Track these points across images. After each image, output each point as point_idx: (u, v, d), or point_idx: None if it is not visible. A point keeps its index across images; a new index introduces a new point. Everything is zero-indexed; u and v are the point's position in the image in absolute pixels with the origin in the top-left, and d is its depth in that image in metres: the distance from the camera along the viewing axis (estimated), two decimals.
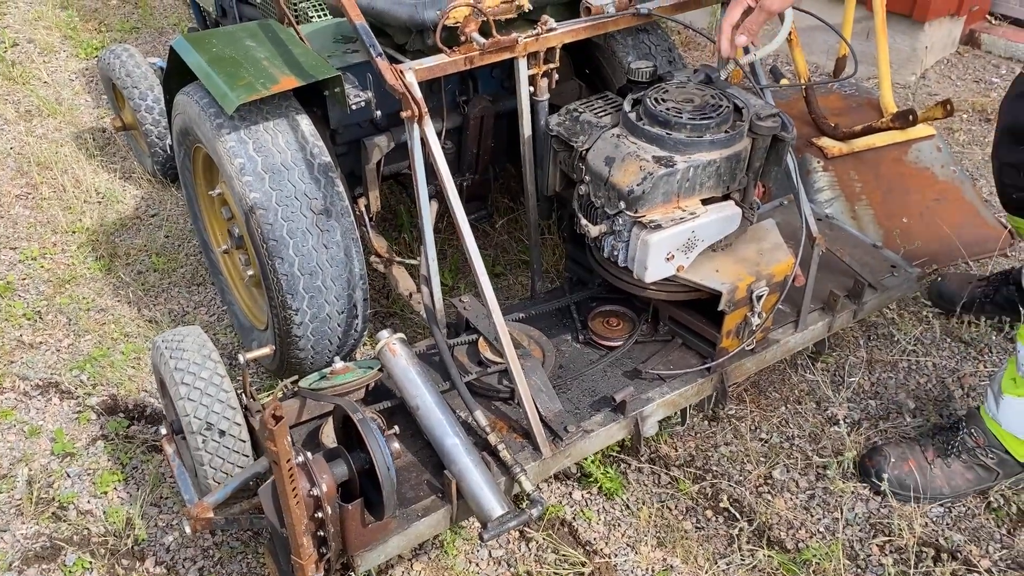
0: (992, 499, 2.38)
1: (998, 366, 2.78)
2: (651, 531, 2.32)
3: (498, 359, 2.17)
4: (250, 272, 2.59)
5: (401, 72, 2.02)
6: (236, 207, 2.34)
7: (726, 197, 2.15)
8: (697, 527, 2.35)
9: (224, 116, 2.26)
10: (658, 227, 1.99)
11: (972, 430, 2.36)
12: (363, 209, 2.66)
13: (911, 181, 3.33)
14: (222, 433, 1.97)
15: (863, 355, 2.85)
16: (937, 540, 2.29)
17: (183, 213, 3.54)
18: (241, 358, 2.01)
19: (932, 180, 3.34)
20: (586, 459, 2.39)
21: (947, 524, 2.34)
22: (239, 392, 2.07)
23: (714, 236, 2.12)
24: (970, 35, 4.83)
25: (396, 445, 1.77)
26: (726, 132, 2.04)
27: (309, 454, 1.69)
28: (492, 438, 1.99)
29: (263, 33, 2.45)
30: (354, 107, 2.21)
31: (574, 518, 2.36)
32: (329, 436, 2.02)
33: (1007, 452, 2.32)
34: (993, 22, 4.90)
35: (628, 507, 2.39)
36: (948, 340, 2.90)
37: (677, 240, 2.04)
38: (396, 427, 1.95)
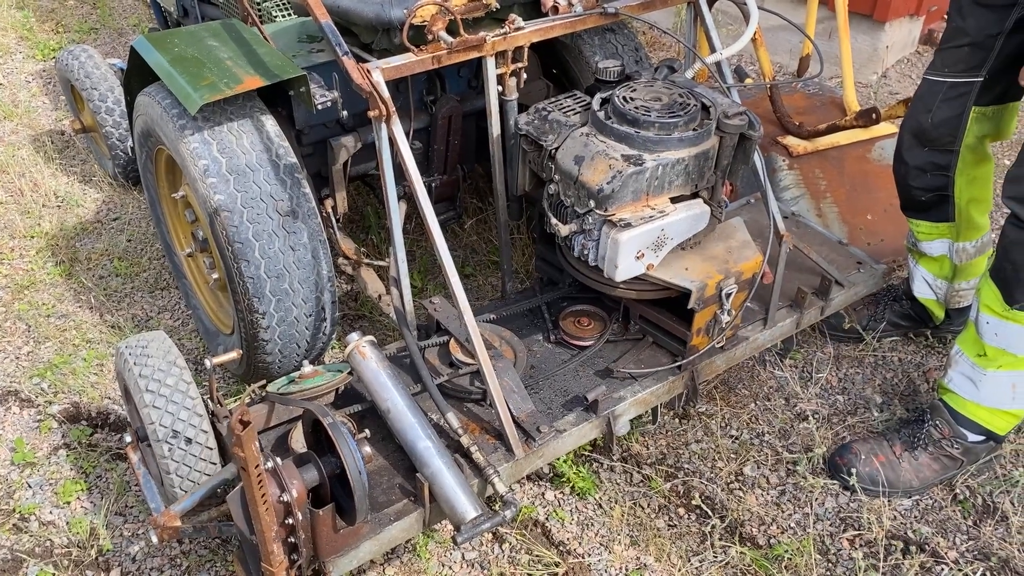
0: (958, 491, 2.41)
1: None
2: (624, 530, 2.32)
3: (470, 360, 2.15)
4: (215, 275, 2.54)
5: (368, 71, 2.00)
6: (200, 209, 2.30)
7: (695, 195, 2.15)
8: (670, 525, 2.35)
9: (187, 117, 2.22)
10: (628, 226, 1.99)
11: (937, 422, 2.40)
12: (330, 211, 2.64)
13: (875, 178, 3.37)
14: (189, 441, 1.93)
15: (830, 351, 2.88)
16: (906, 533, 2.32)
17: (145, 216, 3.48)
18: (208, 363, 1.97)
19: None
20: (559, 459, 2.39)
21: (915, 517, 2.36)
22: (206, 398, 2.03)
23: (683, 234, 2.12)
24: (929, 34, 4.90)
25: (367, 449, 1.75)
26: (694, 130, 2.04)
27: (278, 459, 1.66)
28: (464, 440, 1.98)
29: (226, 32, 2.41)
30: (320, 107, 2.18)
31: (547, 518, 2.35)
32: (299, 441, 1.99)
33: (980, 435, 2.36)
34: None
35: (601, 506, 2.39)
36: (913, 335, 2.94)
37: (647, 238, 2.04)
38: (367, 431, 1.92)
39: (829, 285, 2.53)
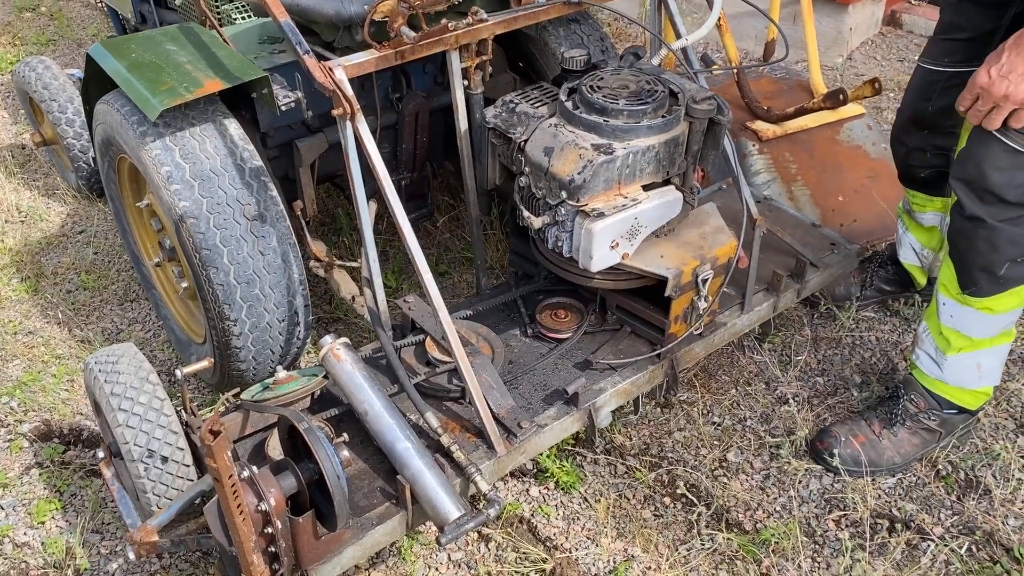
0: (941, 467, 2.42)
1: None
2: (610, 522, 2.31)
3: (446, 358, 2.13)
4: (184, 284, 2.50)
5: (330, 69, 1.96)
6: (165, 217, 2.26)
7: (667, 182, 2.14)
8: (656, 515, 2.34)
9: (147, 123, 2.17)
10: (601, 215, 1.97)
11: (912, 396, 2.40)
12: (299, 213, 2.60)
13: (845, 160, 3.38)
14: (165, 459, 1.89)
15: (808, 333, 2.88)
16: (891, 511, 2.32)
17: (111, 228, 3.41)
18: (179, 373, 1.94)
19: (865, 158, 3.40)
20: (541, 454, 2.36)
21: (899, 495, 2.37)
22: (179, 409, 1.99)
23: (657, 222, 2.11)
24: (892, 16, 4.94)
25: (345, 453, 1.71)
26: (663, 117, 2.03)
27: (255, 468, 1.62)
28: (445, 439, 1.95)
29: (184, 37, 2.37)
30: (283, 108, 2.14)
31: (532, 515, 2.33)
32: (275, 448, 1.95)
33: (952, 408, 2.37)
34: (913, 2, 5.02)
35: (586, 500, 2.37)
36: (887, 315, 2.95)
37: (621, 227, 2.02)
38: (345, 435, 1.89)
39: (804, 267, 2.52)
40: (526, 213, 2.11)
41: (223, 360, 2.34)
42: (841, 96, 3.15)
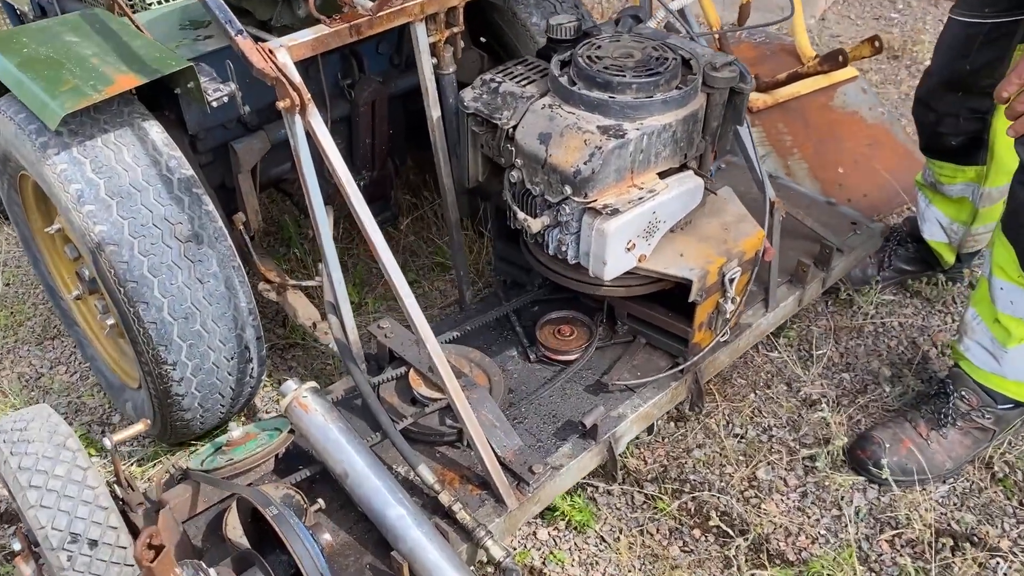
0: (996, 468, 2.15)
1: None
2: (635, 564, 1.99)
3: (436, 394, 1.77)
4: (110, 321, 2.10)
5: (271, 52, 1.58)
6: (81, 244, 1.86)
7: (682, 167, 1.81)
8: (685, 551, 2.02)
9: (48, 133, 1.80)
10: (615, 212, 1.63)
11: (963, 393, 2.13)
12: (242, 228, 2.21)
13: (842, 127, 3.10)
14: (94, 544, 1.51)
15: (826, 323, 2.59)
16: (950, 525, 2.04)
17: (25, 253, 2.97)
18: (107, 443, 1.55)
19: (862, 124, 3.12)
20: None
21: (955, 504, 2.09)
22: (111, 484, 1.61)
23: (677, 215, 1.77)
24: None
25: (327, 536, 1.36)
26: (678, 89, 1.69)
27: (212, 572, 1.26)
28: (444, 497, 1.60)
29: (88, 25, 1.98)
30: (215, 104, 1.77)
31: (544, 563, 2.00)
32: (235, 527, 1.58)
33: (1009, 403, 2.10)
34: None
35: (604, 539, 2.04)
36: (907, 296, 2.67)
37: (638, 225, 1.68)
38: (320, 501, 1.54)
39: (830, 253, 2.22)
40: (521, 214, 1.76)
41: (164, 410, 1.96)
42: (840, 57, 2.86)
